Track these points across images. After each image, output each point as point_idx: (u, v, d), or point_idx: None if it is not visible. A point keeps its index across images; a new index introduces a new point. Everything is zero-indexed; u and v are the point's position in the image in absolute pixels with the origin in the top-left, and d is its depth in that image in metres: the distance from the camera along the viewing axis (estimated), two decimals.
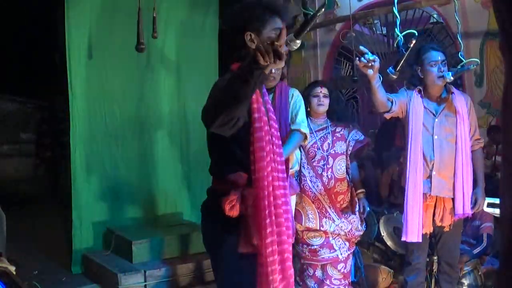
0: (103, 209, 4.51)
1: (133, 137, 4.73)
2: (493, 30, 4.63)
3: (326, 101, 3.29)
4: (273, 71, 2.70)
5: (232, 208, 1.78)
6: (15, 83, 13.16)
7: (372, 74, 2.55)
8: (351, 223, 3.28)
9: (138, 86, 4.76)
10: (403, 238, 2.98)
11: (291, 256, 1.93)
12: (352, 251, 3.36)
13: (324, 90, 3.30)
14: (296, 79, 6.17)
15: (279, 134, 1.98)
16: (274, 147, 1.90)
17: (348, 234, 3.28)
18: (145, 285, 3.70)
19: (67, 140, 4.42)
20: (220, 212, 1.80)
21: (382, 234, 4.08)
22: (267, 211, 1.79)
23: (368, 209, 3.41)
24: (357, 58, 2.52)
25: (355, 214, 3.32)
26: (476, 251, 3.77)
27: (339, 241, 3.27)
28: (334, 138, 3.32)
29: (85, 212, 4.37)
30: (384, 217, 4.09)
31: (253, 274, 1.83)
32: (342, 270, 3.28)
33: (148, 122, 4.80)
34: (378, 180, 5.22)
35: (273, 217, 1.82)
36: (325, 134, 3.31)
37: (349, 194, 3.36)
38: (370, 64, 2.48)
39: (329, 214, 3.23)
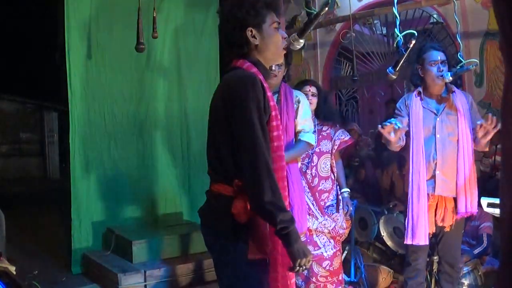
0: (103, 209, 4.51)
1: (132, 137, 4.73)
2: (493, 30, 4.63)
3: (314, 100, 3.31)
4: (273, 68, 2.70)
5: (244, 213, 1.73)
6: (15, 83, 13.19)
7: (396, 138, 2.69)
8: (335, 221, 3.27)
9: (138, 86, 4.76)
10: (408, 242, 2.94)
11: None
12: (338, 249, 3.36)
13: (313, 89, 3.33)
14: (296, 79, 6.17)
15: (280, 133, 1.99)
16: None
17: (332, 232, 3.27)
18: (145, 285, 3.70)
19: None
20: (227, 216, 1.75)
21: (382, 234, 4.08)
22: None
23: (352, 208, 3.43)
24: (379, 126, 2.66)
25: (339, 212, 3.32)
26: (476, 251, 3.77)
27: (323, 239, 3.26)
28: (320, 136, 3.33)
29: (85, 212, 4.37)
30: (384, 217, 4.10)
31: (259, 280, 1.80)
32: (327, 268, 3.27)
33: (148, 122, 4.80)
34: (379, 180, 5.22)
35: None
36: None
37: (334, 192, 3.36)
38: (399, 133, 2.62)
39: (312, 211, 3.23)
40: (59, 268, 4.41)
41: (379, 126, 2.65)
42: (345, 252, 3.93)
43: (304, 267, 1.69)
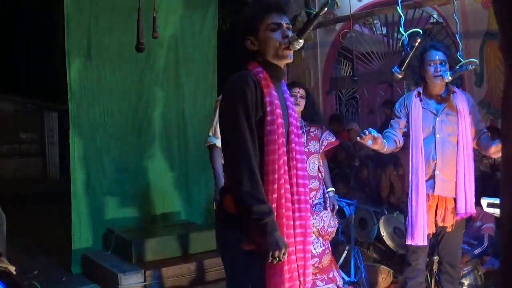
0: (103, 209, 4.51)
1: (132, 137, 4.73)
2: (493, 30, 4.63)
3: (302, 102, 3.37)
4: None
5: (231, 203, 1.80)
6: (15, 83, 13.19)
7: (377, 145, 2.74)
8: (323, 220, 3.36)
9: (137, 86, 4.76)
10: (408, 242, 2.96)
11: (305, 254, 1.94)
12: (327, 247, 3.41)
13: (302, 92, 3.40)
14: (296, 79, 6.17)
15: (299, 132, 2.02)
16: (294, 145, 1.92)
17: (321, 231, 3.35)
18: (145, 285, 3.70)
19: None
20: (223, 208, 1.84)
21: (382, 234, 4.08)
22: (274, 204, 1.80)
23: (338, 206, 3.52)
24: (358, 137, 2.72)
25: (326, 210, 3.40)
26: (476, 251, 3.77)
27: (311, 237, 3.32)
28: (309, 137, 3.43)
29: (85, 212, 4.37)
30: (384, 217, 4.10)
31: (255, 270, 1.84)
32: (316, 265, 3.32)
33: (147, 122, 4.81)
34: (378, 180, 5.22)
35: (288, 211, 1.84)
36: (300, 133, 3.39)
37: (321, 191, 3.45)
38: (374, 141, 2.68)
39: None
40: (59, 268, 4.41)
41: (358, 137, 2.72)
42: (345, 252, 3.94)
43: (277, 259, 1.74)
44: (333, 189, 3.53)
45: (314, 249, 3.30)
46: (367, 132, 2.62)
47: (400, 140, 3.00)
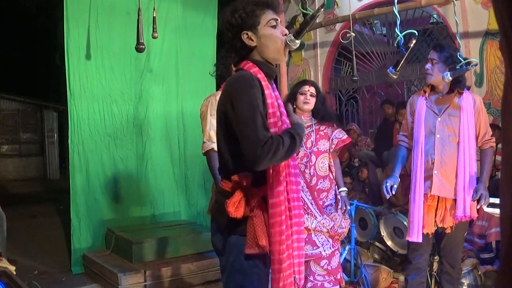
0: (103, 209, 4.52)
1: (131, 137, 4.73)
2: (493, 30, 4.63)
3: (312, 100, 3.33)
4: None
5: (236, 209, 1.76)
6: (15, 83, 13.20)
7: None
8: (333, 221, 3.28)
9: (137, 86, 4.76)
10: (406, 237, 3.00)
11: (299, 252, 1.94)
12: (337, 248, 3.36)
13: (312, 90, 3.34)
14: (296, 79, 6.18)
15: None
16: None
17: (331, 231, 3.27)
18: (145, 285, 3.70)
19: None
20: (225, 213, 1.79)
21: (382, 234, 4.08)
22: (282, 214, 1.79)
23: (350, 207, 3.46)
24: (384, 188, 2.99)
25: (337, 211, 3.33)
26: (483, 256, 3.75)
27: (322, 238, 3.27)
28: (318, 136, 3.35)
29: (84, 212, 4.37)
30: (384, 217, 4.10)
31: (257, 275, 1.82)
32: (325, 267, 3.28)
33: (147, 122, 4.81)
34: (379, 180, 5.22)
35: (288, 220, 1.83)
36: (309, 131, 3.34)
37: (333, 192, 3.37)
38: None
39: (311, 210, 3.23)
40: (59, 268, 4.41)
41: (387, 195, 2.99)
42: (345, 252, 3.93)
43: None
44: (345, 189, 3.44)
45: (324, 250, 3.25)
46: (388, 191, 2.92)
47: (397, 181, 3.08)
